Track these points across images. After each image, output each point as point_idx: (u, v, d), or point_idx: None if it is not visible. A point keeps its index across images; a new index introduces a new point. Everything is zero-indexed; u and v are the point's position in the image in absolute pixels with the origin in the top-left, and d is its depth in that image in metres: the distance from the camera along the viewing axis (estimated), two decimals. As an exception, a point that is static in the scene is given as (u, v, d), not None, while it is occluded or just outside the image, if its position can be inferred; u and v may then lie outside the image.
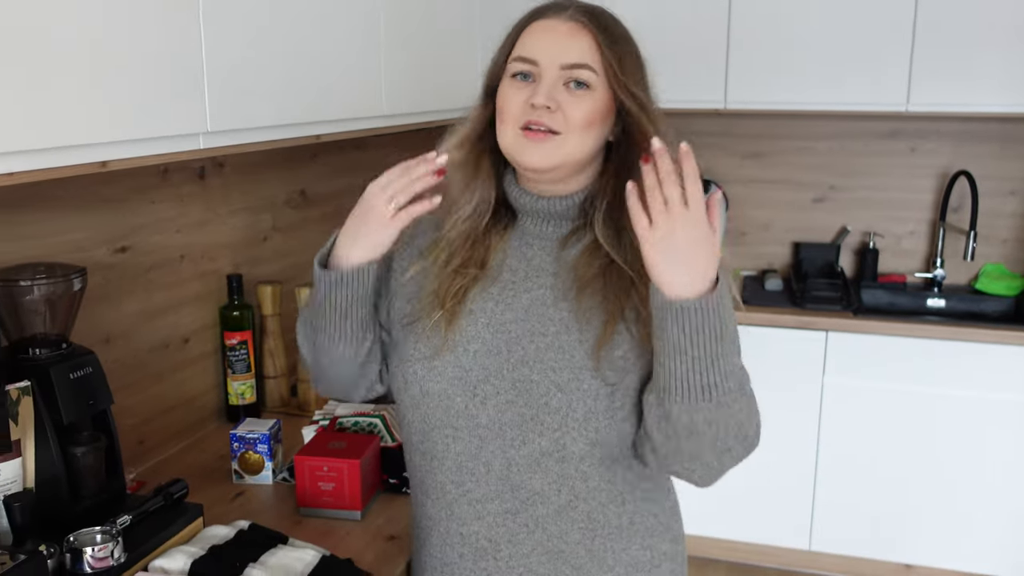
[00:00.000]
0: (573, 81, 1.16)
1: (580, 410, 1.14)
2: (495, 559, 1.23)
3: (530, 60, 1.17)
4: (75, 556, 1.22)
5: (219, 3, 1.38)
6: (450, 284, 1.23)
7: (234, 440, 1.70)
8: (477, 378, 1.19)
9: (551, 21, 1.18)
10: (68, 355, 1.34)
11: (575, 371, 1.15)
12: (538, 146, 1.15)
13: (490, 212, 1.26)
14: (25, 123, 1.07)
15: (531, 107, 1.15)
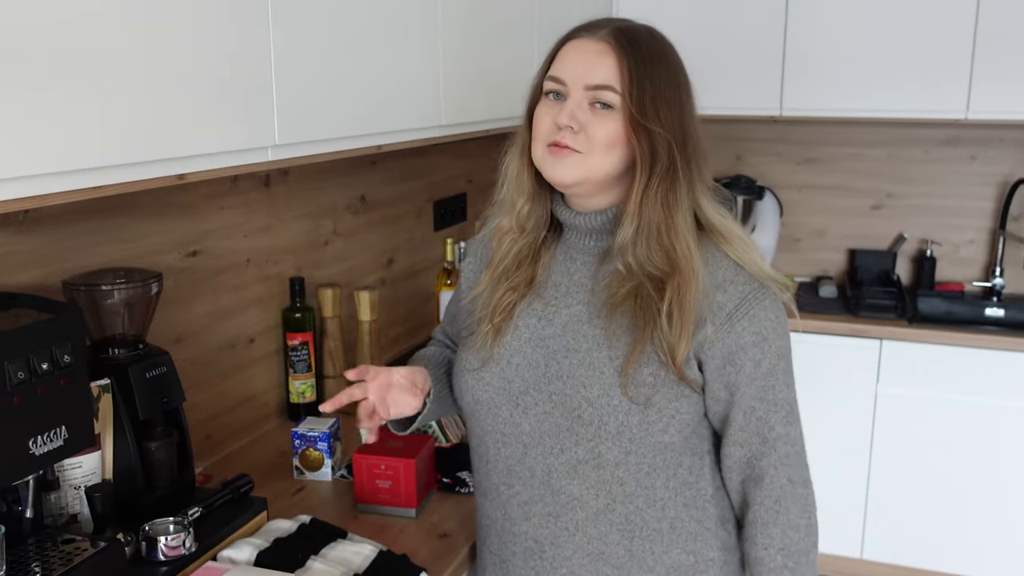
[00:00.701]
0: (598, 102, 1.20)
1: (612, 424, 1.21)
2: (541, 559, 1.31)
3: (559, 80, 1.22)
4: (150, 544, 1.30)
5: (287, 25, 1.45)
6: (499, 300, 1.31)
7: (296, 438, 1.77)
8: (519, 389, 1.27)
9: (583, 41, 1.23)
10: (144, 355, 1.42)
11: (604, 388, 1.21)
12: (561, 161, 1.20)
13: (545, 228, 1.32)
14: (112, 141, 1.14)
15: (557, 127, 1.20)
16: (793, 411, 1.26)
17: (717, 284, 1.21)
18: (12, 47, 1.00)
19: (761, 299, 1.22)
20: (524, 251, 1.32)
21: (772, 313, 1.22)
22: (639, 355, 1.20)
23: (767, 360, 1.22)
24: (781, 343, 1.23)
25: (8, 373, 1.02)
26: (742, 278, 1.22)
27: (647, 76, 1.18)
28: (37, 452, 1.07)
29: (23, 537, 1.25)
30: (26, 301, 1.21)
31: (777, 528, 1.27)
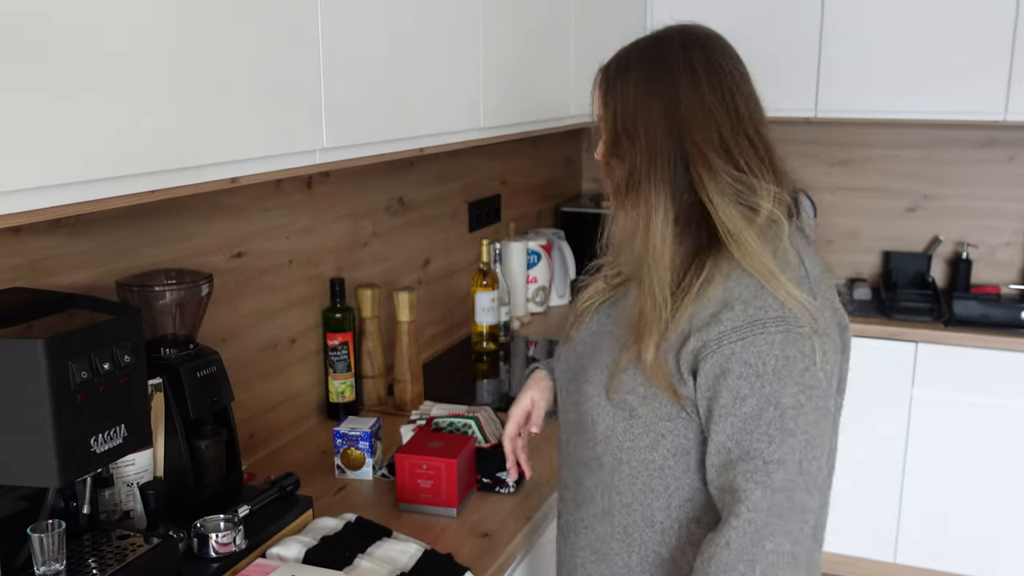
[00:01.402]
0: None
1: (600, 427, 1.23)
2: (564, 543, 1.37)
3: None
4: (201, 541, 1.33)
5: (336, 34, 1.48)
6: (592, 293, 1.36)
7: (337, 437, 1.79)
8: (571, 376, 1.34)
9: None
10: (195, 355, 1.45)
11: (598, 388, 1.23)
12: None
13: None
14: (166, 146, 1.17)
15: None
16: (771, 474, 1.07)
17: (728, 301, 1.12)
18: (76, 55, 1.03)
19: (770, 330, 1.09)
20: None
21: (779, 349, 1.08)
22: (626, 361, 1.19)
23: (752, 400, 1.09)
24: (778, 389, 1.08)
25: (72, 372, 1.05)
26: (760, 301, 1.10)
27: (618, 90, 1.21)
28: (98, 450, 1.10)
29: (79, 533, 1.27)
30: (83, 301, 1.23)
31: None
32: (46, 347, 1.03)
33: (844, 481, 3.08)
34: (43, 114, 1.00)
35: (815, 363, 1.09)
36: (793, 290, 1.11)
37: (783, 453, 1.07)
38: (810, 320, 1.10)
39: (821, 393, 1.10)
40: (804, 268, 1.16)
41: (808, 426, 1.09)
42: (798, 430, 1.08)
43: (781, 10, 3.09)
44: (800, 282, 1.13)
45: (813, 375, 1.09)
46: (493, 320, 2.62)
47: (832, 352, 1.14)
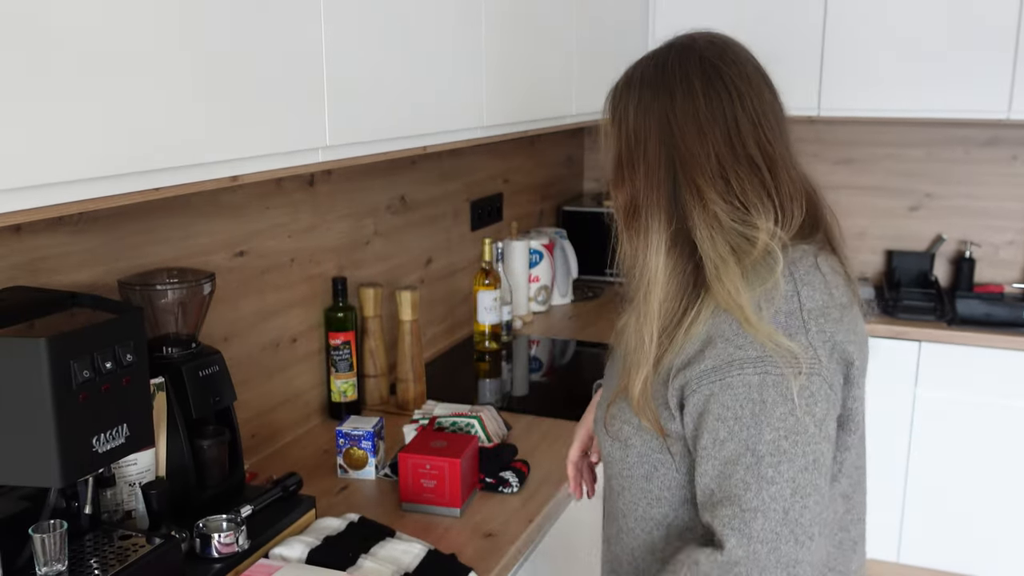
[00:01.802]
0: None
1: (604, 451, 1.24)
2: (600, 557, 1.35)
3: None
4: (204, 541, 1.32)
5: (339, 31, 1.47)
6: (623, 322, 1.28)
7: (340, 436, 1.79)
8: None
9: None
10: (197, 354, 1.44)
11: (600, 420, 1.24)
12: None
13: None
14: (169, 143, 1.16)
15: None
16: (748, 523, 1.02)
17: (712, 337, 1.07)
18: (76, 53, 1.02)
19: (747, 371, 1.04)
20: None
21: (756, 393, 1.03)
22: (619, 392, 1.17)
23: (731, 444, 1.04)
24: (755, 434, 1.03)
25: (74, 371, 1.04)
26: (741, 340, 1.05)
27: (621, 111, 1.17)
28: (100, 450, 1.09)
29: (80, 533, 1.27)
30: (85, 300, 1.23)
31: None
32: (48, 346, 1.02)
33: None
34: (43, 112, 0.99)
35: (797, 407, 1.03)
36: (770, 332, 1.04)
37: (761, 502, 1.02)
38: (791, 361, 1.03)
39: (807, 439, 1.03)
40: (799, 300, 1.08)
41: (794, 473, 1.02)
42: (779, 478, 1.02)
43: (784, 9, 3.08)
44: (788, 318, 1.06)
45: (797, 420, 1.03)
46: (495, 319, 2.61)
47: (823, 393, 1.05)
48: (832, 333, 1.08)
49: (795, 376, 1.03)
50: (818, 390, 1.04)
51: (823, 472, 1.04)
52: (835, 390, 1.07)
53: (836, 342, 1.08)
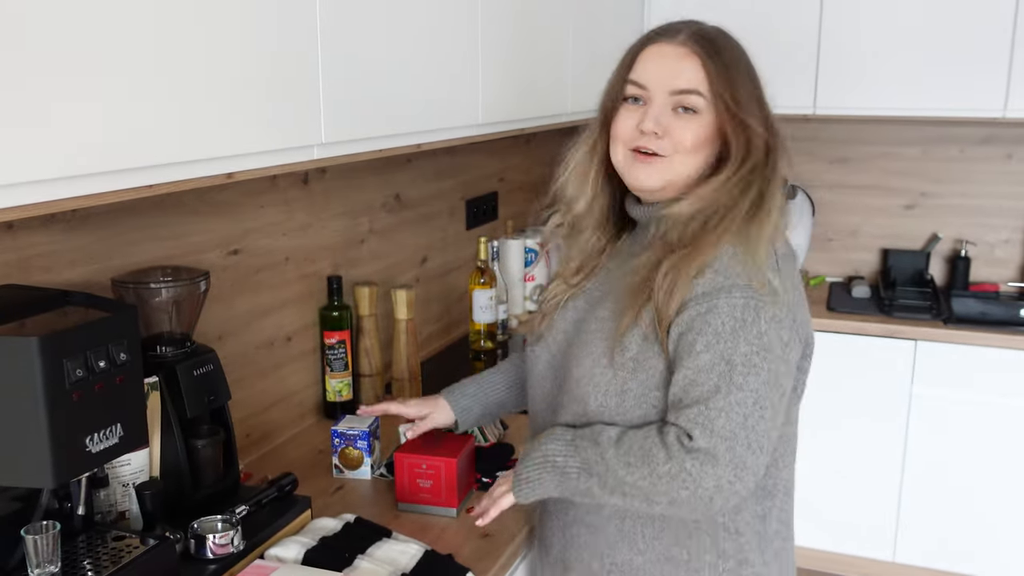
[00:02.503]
0: (681, 106, 1.23)
1: (593, 403, 1.26)
2: (552, 522, 1.41)
3: (641, 85, 1.26)
4: (199, 542, 1.30)
5: (334, 25, 1.46)
6: (551, 291, 1.41)
7: (335, 436, 1.77)
8: (556, 364, 1.37)
9: (663, 46, 1.25)
10: (192, 353, 1.43)
11: (590, 367, 1.25)
12: (646, 167, 1.25)
13: (603, 227, 1.36)
14: (164, 140, 1.15)
15: (640, 132, 1.24)
16: (713, 420, 1.13)
17: (701, 267, 1.19)
18: (69, 49, 1.01)
19: (733, 295, 1.16)
20: (589, 248, 1.38)
21: (739, 312, 1.15)
22: (625, 328, 1.22)
23: (706, 355, 1.15)
24: (731, 347, 1.14)
25: (67, 370, 1.03)
26: (729, 270, 1.18)
27: (735, 77, 1.22)
28: (93, 450, 1.07)
29: (74, 534, 1.25)
30: (79, 299, 1.21)
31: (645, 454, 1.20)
32: (40, 345, 1.00)
33: (842, 480, 3.07)
34: (36, 109, 0.98)
35: (769, 329, 1.16)
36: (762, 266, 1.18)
37: (727, 404, 1.13)
38: (771, 293, 1.17)
39: (773, 357, 1.16)
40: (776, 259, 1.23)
41: (758, 385, 1.14)
42: (746, 386, 1.13)
43: (780, 6, 3.08)
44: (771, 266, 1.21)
45: (768, 340, 1.15)
46: (491, 318, 2.60)
47: (788, 324, 1.20)
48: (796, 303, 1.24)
49: (772, 304, 1.16)
50: (784, 320, 1.18)
51: (780, 392, 1.18)
52: (797, 336, 1.22)
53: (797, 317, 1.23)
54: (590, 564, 1.35)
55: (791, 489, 1.36)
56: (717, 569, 1.28)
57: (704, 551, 1.28)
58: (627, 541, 1.30)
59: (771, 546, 1.32)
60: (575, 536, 1.36)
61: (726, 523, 1.28)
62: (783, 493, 1.34)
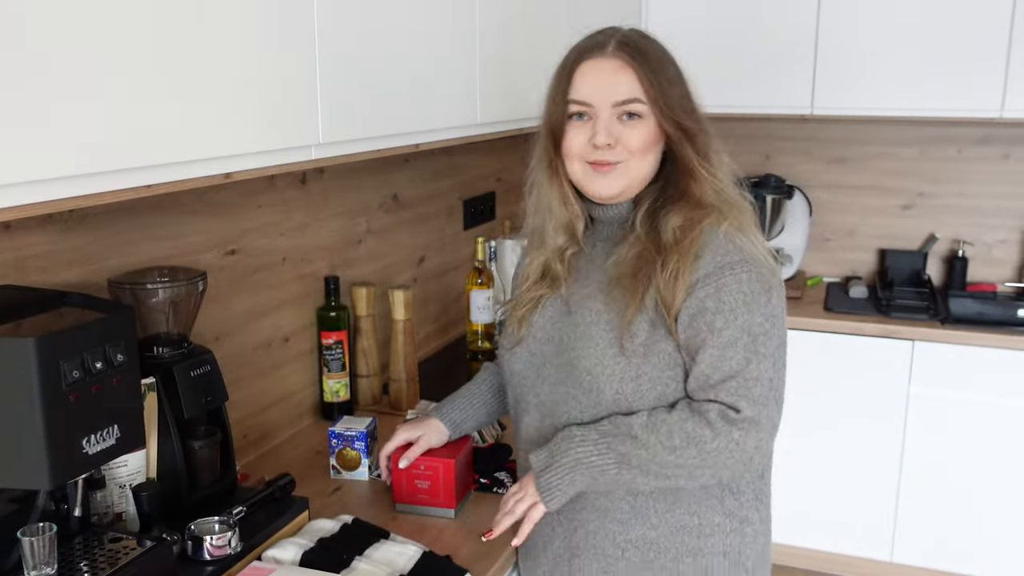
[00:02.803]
0: (626, 114, 1.31)
1: (608, 391, 1.31)
2: (558, 515, 1.41)
3: (584, 103, 1.32)
4: (196, 544, 1.30)
5: (333, 29, 1.46)
6: (524, 295, 1.46)
7: (332, 437, 1.77)
8: (539, 362, 1.40)
9: (597, 61, 1.32)
10: (189, 354, 1.42)
11: (600, 357, 1.30)
12: (603, 177, 1.33)
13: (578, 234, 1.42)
14: (162, 140, 1.14)
15: (594, 146, 1.31)
16: (751, 389, 1.25)
17: (698, 252, 1.28)
18: (67, 48, 1.00)
19: (736, 271, 1.26)
20: (553, 251, 1.42)
21: (746, 287, 1.25)
22: (631, 316, 1.29)
23: (728, 331, 1.25)
24: (748, 319, 1.25)
25: (64, 372, 1.02)
26: (725, 248, 1.28)
27: (664, 78, 1.31)
28: (90, 451, 1.07)
29: (70, 536, 1.25)
30: (76, 300, 1.21)
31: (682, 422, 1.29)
32: (37, 346, 1.00)
33: (840, 479, 3.07)
34: (35, 108, 0.97)
35: (774, 297, 1.27)
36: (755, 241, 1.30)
37: (759, 372, 1.25)
38: (767, 263, 1.28)
39: (781, 323, 1.29)
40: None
41: (774, 349, 1.26)
42: (767, 353, 1.26)
43: (777, 7, 3.07)
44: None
45: (774, 307, 1.27)
46: (488, 319, 2.60)
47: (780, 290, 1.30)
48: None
49: (769, 273, 1.28)
50: (778, 286, 1.29)
51: (785, 350, 1.30)
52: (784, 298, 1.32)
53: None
54: (603, 547, 1.38)
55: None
56: (725, 529, 1.36)
57: (713, 514, 1.35)
58: (640, 518, 1.35)
59: (765, 503, 1.41)
60: (584, 522, 1.39)
61: (730, 485, 1.36)
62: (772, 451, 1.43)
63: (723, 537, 1.36)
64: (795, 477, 3.11)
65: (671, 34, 1.48)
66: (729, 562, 1.36)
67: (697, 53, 3.20)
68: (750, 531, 1.38)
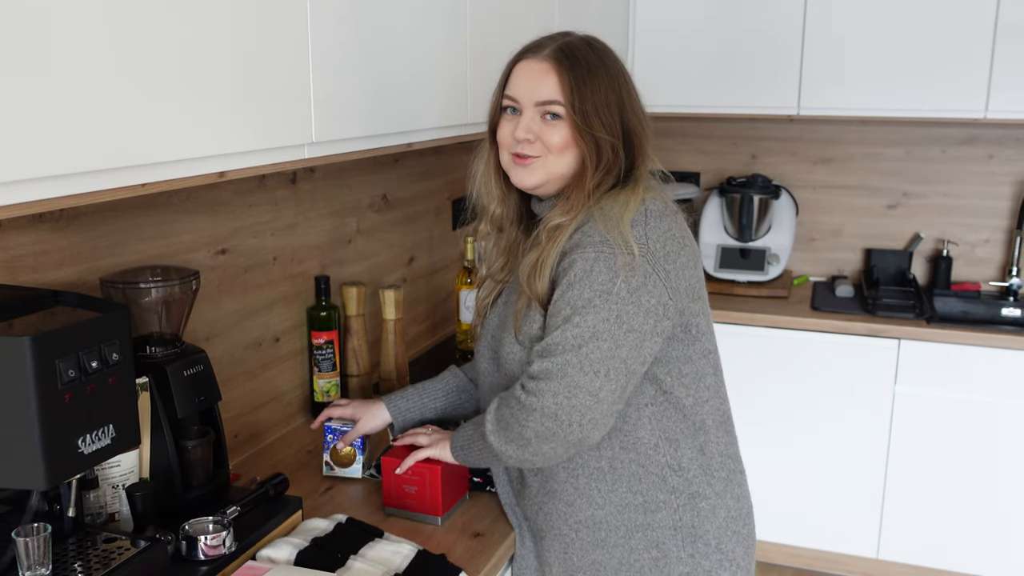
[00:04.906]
0: (548, 114, 1.40)
1: (520, 373, 1.42)
2: (523, 499, 1.54)
3: (513, 98, 1.44)
4: (190, 544, 1.29)
5: (324, 28, 1.46)
6: (481, 295, 1.60)
7: (328, 432, 1.76)
8: (490, 353, 1.53)
9: (530, 62, 1.42)
10: (182, 353, 1.42)
11: (510, 346, 1.43)
12: (524, 169, 1.43)
13: (520, 223, 1.54)
14: (156, 138, 1.14)
15: (516, 140, 1.41)
16: (550, 350, 1.31)
17: (572, 233, 1.37)
18: (61, 47, 1.00)
19: (585, 250, 1.33)
20: (506, 247, 1.55)
21: (590, 265, 1.31)
22: (522, 308, 1.41)
23: (559, 303, 1.33)
24: (576, 293, 1.31)
25: (59, 371, 1.02)
26: (589, 233, 1.34)
27: (586, 87, 1.37)
28: (86, 451, 1.06)
29: (63, 536, 1.24)
30: (69, 299, 1.20)
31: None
32: (32, 345, 0.99)
33: (826, 477, 3.09)
34: (29, 107, 0.97)
35: (617, 276, 1.30)
36: (623, 229, 1.33)
37: (564, 338, 1.30)
38: (625, 247, 1.31)
39: (616, 299, 1.30)
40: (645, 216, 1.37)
41: (596, 322, 1.29)
42: (584, 323, 1.30)
43: (764, 8, 3.09)
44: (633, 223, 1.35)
45: (613, 285, 1.30)
46: (478, 318, 2.60)
47: (643, 271, 1.32)
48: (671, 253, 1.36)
49: (624, 255, 1.31)
50: (640, 269, 1.31)
51: (626, 328, 1.31)
52: (660, 280, 1.33)
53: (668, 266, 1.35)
54: (559, 527, 1.47)
55: (725, 422, 1.50)
56: (672, 505, 1.41)
57: (657, 491, 1.41)
58: (585, 498, 1.43)
59: (720, 478, 1.45)
60: (542, 504, 1.49)
61: (668, 462, 1.41)
62: (715, 426, 1.46)
63: (671, 513, 1.41)
64: (781, 475, 3.13)
65: (658, 36, 1.52)
66: (682, 536, 1.41)
67: (685, 55, 3.24)
68: (705, 505, 1.42)
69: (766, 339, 3.06)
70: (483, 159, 1.54)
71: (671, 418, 1.41)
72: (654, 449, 1.41)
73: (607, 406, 1.31)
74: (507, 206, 1.53)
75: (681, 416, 1.42)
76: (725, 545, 1.44)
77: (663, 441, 1.41)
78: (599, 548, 1.43)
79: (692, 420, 1.43)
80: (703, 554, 1.42)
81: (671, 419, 1.41)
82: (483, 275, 1.61)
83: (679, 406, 1.42)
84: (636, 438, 1.40)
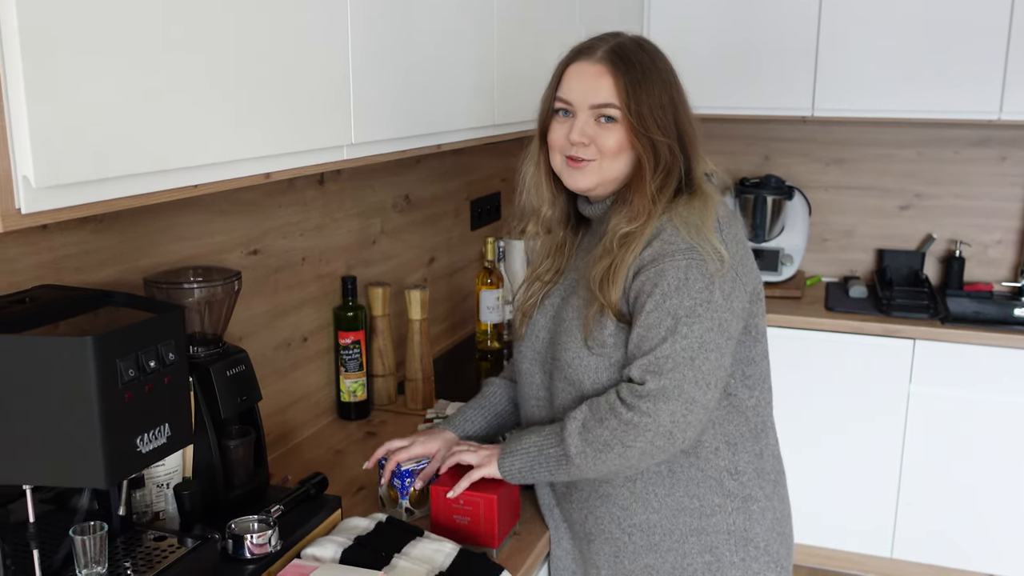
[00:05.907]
0: (602, 116, 1.39)
1: (587, 383, 1.40)
2: (569, 502, 1.51)
3: (567, 101, 1.42)
4: (236, 542, 1.30)
5: (364, 35, 1.47)
6: (527, 291, 1.57)
7: (406, 476, 1.55)
8: (542, 358, 1.50)
9: (583, 65, 1.41)
10: (224, 353, 1.43)
11: (576, 352, 1.40)
12: (579, 171, 1.42)
13: (568, 224, 1.53)
14: (207, 140, 1.15)
15: (570, 142, 1.40)
16: (662, 366, 1.29)
17: (649, 240, 1.35)
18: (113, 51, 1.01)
19: (677, 259, 1.31)
20: (553, 248, 1.54)
21: (683, 273, 1.30)
22: (595, 314, 1.37)
23: (655, 314, 1.31)
24: (676, 303, 1.30)
25: (120, 371, 1.02)
26: (671, 241, 1.33)
27: (642, 90, 1.36)
28: (144, 450, 1.07)
29: (112, 535, 1.25)
30: (120, 299, 1.21)
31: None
32: (95, 345, 1.00)
33: (841, 477, 3.10)
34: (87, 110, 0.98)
35: (712, 283, 1.30)
36: (707, 233, 1.33)
37: (673, 351, 1.29)
38: (714, 254, 1.32)
39: (715, 307, 1.30)
40: (719, 224, 1.38)
41: (702, 332, 1.29)
42: (691, 334, 1.29)
43: (778, 9, 3.10)
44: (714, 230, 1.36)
45: (710, 292, 1.30)
46: (498, 319, 2.61)
47: (730, 277, 1.33)
48: (740, 257, 1.37)
49: (715, 263, 1.31)
50: (727, 275, 1.32)
51: (726, 336, 1.32)
52: (740, 285, 1.35)
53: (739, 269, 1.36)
54: (611, 532, 1.45)
55: (774, 425, 1.52)
56: (726, 509, 1.42)
57: (713, 495, 1.41)
58: (641, 502, 1.42)
59: (770, 480, 1.46)
60: (593, 508, 1.47)
61: (727, 466, 1.42)
62: (772, 429, 1.49)
63: (725, 516, 1.41)
64: (796, 474, 3.14)
65: (673, 37, 1.53)
66: (735, 540, 1.42)
67: (699, 56, 3.25)
68: (756, 508, 1.43)
69: (780, 339, 3.07)
70: (533, 161, 1.53)
71: (732, 421, 1.42)
72: (714, 453, 1.41)
73: (708, 414, 1.33)
74: (556, 207, 1.53)
75: (743, 419, 1.42)
76: (772, 547, 1.44)
77: (724, 445, 1.42)
78: (652, 552, 1.43)
79: (753, 423, 1.44)
80: (753, 557, 1.43)
81: (732, 423, 1.42)
82: (530, 276, 1.59)
83: (741, 408, 1.42)
84: (698, 442, 1.40)
